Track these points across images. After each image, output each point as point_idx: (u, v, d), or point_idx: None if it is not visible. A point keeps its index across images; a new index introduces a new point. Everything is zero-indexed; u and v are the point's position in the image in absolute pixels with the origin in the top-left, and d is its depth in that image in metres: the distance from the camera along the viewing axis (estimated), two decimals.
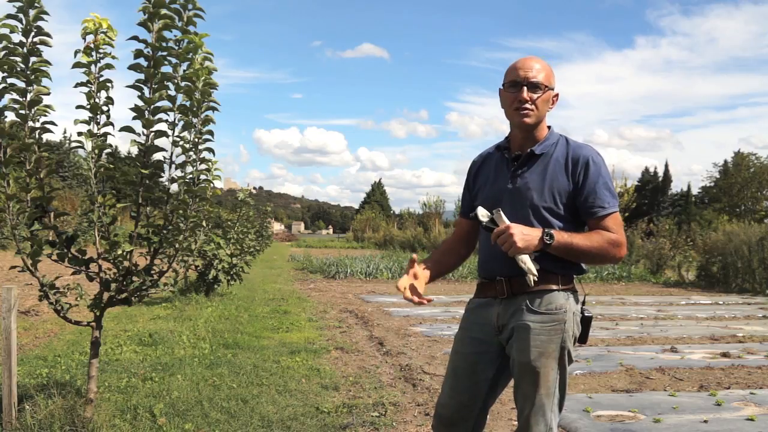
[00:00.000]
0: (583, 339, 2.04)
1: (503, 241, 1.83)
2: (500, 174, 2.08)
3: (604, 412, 3.89)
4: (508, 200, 2.01)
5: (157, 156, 3.12)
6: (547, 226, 1.93)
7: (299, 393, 4.14)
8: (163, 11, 2.91)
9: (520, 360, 1.96)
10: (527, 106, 1.98)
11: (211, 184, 3.50)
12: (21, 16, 2.87)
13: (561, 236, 1.88)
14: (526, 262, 1.89)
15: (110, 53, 3.06)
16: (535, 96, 1.97)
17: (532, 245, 1.85)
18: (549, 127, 2.08)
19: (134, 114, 3.00)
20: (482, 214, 1.93)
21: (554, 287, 1.97)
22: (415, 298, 2.00)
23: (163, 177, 3.19)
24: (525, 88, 1.97)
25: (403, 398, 4.15)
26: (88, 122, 3.09)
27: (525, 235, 1.83)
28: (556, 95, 2.05)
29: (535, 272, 1.90)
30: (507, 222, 1.87)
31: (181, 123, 3.17)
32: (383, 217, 52.74)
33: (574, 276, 2.04)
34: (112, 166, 3.17)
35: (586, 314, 2.03)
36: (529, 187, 1.98)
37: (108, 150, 3.18)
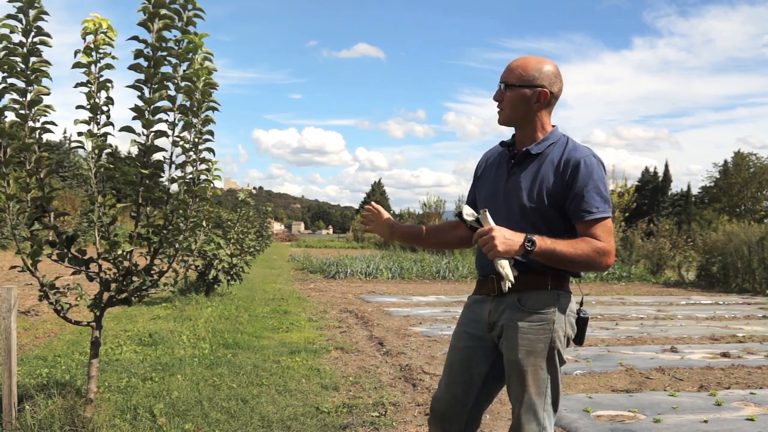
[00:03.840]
0: (579, 340, 2.01)
1: (484, 242, 1.80)
2: (500, 171, 2.08)
3: (604, 412, 3.89)
4: (503, 198, 2.01)
5: (157, 156, 3.11)
6: (534, 227, 1.90)
7: (299, 393, 4.14)
8: (163, 11, 2.91)
9: (509, 358, 1.96)
10: (498, 105, 2.05)
11: (211, 184, 3.49)
12: (21, 16, 2.87)
13: (543, 243, 1.82)
14: (504, 266, 1.83)
15: (110, 53, 3.06)
16: (506, 96, 2.01)
17: (512, 250, 1.80)
18: (554, 126, 2.04)
19: (134, 114, 3.00)
20: (468, 213, 1.89)
21: (544, 287, 1.95)
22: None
23: (163, 177, 3.19)
24: (500, 87, 2.03)
25: (403, 398, 4.15)
26: (88, 122, 3.09)
27: (507, 239, 1.79)
28: (539, 93, 1.96)
29: (512, 278, 1.83)
30: (492, 224, 1.83)
31: (181, 123, 3.16)
32: None
33: (571, 278, 2.02)
34: (112, 166, 3.17)
35: (582, 315, 1.99)
36: (520, 187, 1.97)
37: (108, 150, 3.18)
